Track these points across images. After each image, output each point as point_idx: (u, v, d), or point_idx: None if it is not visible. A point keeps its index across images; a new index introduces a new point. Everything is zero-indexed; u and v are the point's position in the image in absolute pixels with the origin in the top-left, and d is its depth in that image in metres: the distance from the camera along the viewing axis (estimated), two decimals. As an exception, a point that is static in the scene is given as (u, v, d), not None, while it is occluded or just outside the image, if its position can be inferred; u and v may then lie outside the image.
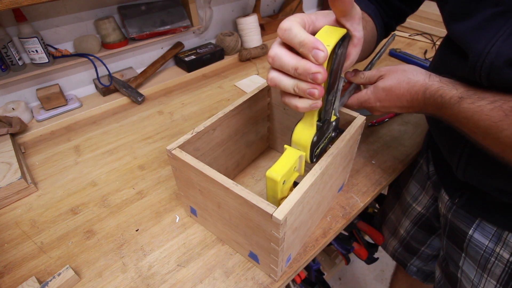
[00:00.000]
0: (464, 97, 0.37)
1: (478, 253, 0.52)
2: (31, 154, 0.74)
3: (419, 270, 0.79)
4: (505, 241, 0.48)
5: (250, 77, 1.02)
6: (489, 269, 0.51)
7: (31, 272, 0.50)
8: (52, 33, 0.83)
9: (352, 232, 1.02)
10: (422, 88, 0.42)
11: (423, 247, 0.74)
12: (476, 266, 0.54)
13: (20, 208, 0.61)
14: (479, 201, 0.51)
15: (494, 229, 0.50)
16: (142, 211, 0.59)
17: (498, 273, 0.50)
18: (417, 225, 0.73)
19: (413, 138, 0.74)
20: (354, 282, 1.41)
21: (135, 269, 0.50)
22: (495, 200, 0.48)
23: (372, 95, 0.48)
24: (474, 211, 0.52)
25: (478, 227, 0.52)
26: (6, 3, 0.59)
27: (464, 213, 0.54)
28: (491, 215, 0.50)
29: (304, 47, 0.30)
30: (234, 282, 0.48)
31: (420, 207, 0.70)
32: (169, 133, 0.79)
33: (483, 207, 0.51)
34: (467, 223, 0.54)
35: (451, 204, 0.56)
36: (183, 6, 0.99)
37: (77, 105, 0.88)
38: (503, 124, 0.33)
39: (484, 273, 0.52)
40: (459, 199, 0.54)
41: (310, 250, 0.52)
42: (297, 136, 0.41)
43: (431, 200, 0.67)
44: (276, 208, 0.35)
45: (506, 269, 0.49)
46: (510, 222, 0.47)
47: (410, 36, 1.24)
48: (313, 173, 0.40)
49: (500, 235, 0.49)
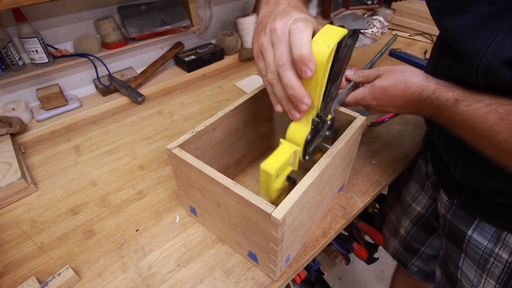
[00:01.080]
0: (460, 99, 0.37)
1: (477, 253, 0.52)
2: (31, 154, 0.74)
3: (420, 270, 0.79)
4: (504, 241, 0.48)
5: (250, 77, 1.02)
6: (488, 269, 0.51)
7: (31, 272, 0.50)
8: (52, 33, 0.83)
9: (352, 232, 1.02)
10: (419, 90, 0.42)
11: (423, 247, 0.74)
12: (475, 266, 0.54)
13: (20, 208, 0.61)
14: (478, 201, 0.51)
15: (493, 230, 0.50)
16: (142, 211, 0.59)
17: (497, 274, 0.50)
18: (417, 225, 0.73)
19: (413, 138, 0.74)
20: (354, 282, 1.41)
21: (135, 269, 0.50)
22: (494, 200, 0.48)
23: (369, 93, 0.48)
24: (473, 212, 0.52)
25: (477, 227, 0.52)
26: (6, 3, 0.59)
27: (463, 213, 0.54)
28: (490, 215, 0.50)
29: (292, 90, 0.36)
30: (234, 282, 0.48)
31: (420, 207, 0.70)
32: (169, 133, 0.79)
33: (482, 207, 0.50)
34: (466, 223, 0.54)
35: (450, 205, 0.56)
36: (183, 6, 0.99)
37: (77, 105, 0.88)
38: (498, 128, 0.33)
39: (483, 273, 0.52)
40: (458, 200, 0.54)
41: (310, 250, 0.52)
42: (291, 133, 0.41)
43: (430, 200, 0.67)
44: (275, 208, 0.36)
45: (505, 270, 0.49)
46: (509, 223, 0.47)
47: (410, 36, 1.24)
48: (312, 173, 0.40)
49: (499, 235, 0.49)
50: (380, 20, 1.31)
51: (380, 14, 1.39)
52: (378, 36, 1.27)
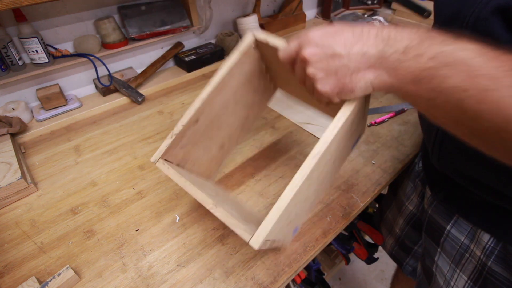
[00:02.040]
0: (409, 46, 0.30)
1: (454, 248, 0.53)
2: (31, 154, 0.74)
3: (414, 269, 0.79)
4: (478, 239, 0.49)
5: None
6: (462, 264, 0.52)
7: (31, 272, 0.50)
8: (52, 33, 0.83)
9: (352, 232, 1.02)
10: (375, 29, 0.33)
11: (416, 246, 0.74)
12: (450, 261, 0.55)
13: (20, 208, 0.61)
14: (457, 197, 0.52)
15: (470, 227, 0.51)
16: (142, 211, 0.59)
17: (470, 269, 0.51)
18: (409, 224, 0.73)
19: (413, 138, 0.74)
20: (354, 282, 1.41)
21: (135, 269, 0.50)
22: (471, 197, 0.48)
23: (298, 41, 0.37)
24: (452, 208, 0.53)
25: (456, 223, 0.53)
26: (6, 3, 0.59)
27: (443, 208, 0.55)
28: (467, 213, 0.51)
29: None
30: (234, 282, 0.48)
31: (412, 206, 0.70)
32: (169, 133, 0.79)
33: (460, 204, 0.51)
34: (446, 218, 0.54)
35: (432, 199, 0.57)
36: (183, 6, 0.99)
37: (77, 105, 0.88)
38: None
39: (457, 268, 0.53)
40: (439, 194, 0.55)
41: (310, 250, 0.52)
42: None
43: (419, 198, 0.67)
44: (252, 235, 0.35)
45: (478, 267, 0.50)
46: (482, 221, 0.48)
47: (410, 36, 1.24)
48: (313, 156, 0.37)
49: (474, 232, 0.50)
50: (380, 20, 1.31)
51: (380, 14, 1.39)
52: (378, 36, 1.27)
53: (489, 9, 0.32)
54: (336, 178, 0.64)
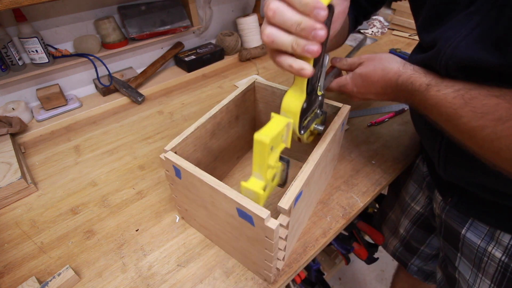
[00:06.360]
0: (432, 84, 0.39)
1: (472, 252, 0.53)
2: (31, 154, 0.74)
3: (420, 269, 0.79)
4: (497, 240, 0.48)
5: (250, 77, 1.01)
6: (483, 268, 0.52)
7: (31, 272, 0.50)
8: (52, 33, 0.83)
9: (352, 232, 1.02)
10: (396, 76, 0.44)
11: (423, 246, 0.74)
12: (471, 265, 0.54)
13: (20, 208, 0.61)
14: (470, 200, 0.51)
15: (487, 229, 0.50)
16: (142, 211, 0.59)
17: (491, 273, 0.50)
18: (416, 224, 0.73)
19: (413, 138, 0.74)
20: (354, 282, 1.41)
21: (135, 269, 0.50)
22: (485, 199, 0.48)
23: (350, 80, 0.51)
24: (466, 211, 0.52)
25: (471, 226, 0.52)
26: (6, 3, 0.59)
27: (457, 213, 0.54)
28: (483, 214, 0.50)
29: (305, 6, 0.30)
30: (234, 282, 0.48)
31: (419, 207, 0.70)
32: (169, 133, 0.79)
33: (475, 206, 0.51)
34: (460, 222, 0.54)
35: (444, 205, 0.57)
36: (183, 6, 0.99)
37: (77, 105, 0.88)
38: (461, 112, 0.35)
39: (479, 272, 0.53)
40: (451, 199, 0.54)
41: (310, 250, 0.52)
42: (286, 102, 0.40)
43: (427, 199, 0.67)
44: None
45: (499, 268, 0.49)
46: (501, 221, 0.47)
47: (410, 36, 1.24)
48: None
49: (492, 234, 0.49)
50: (380, 20, 1.31)
51: (380, 14, 1.39)
52: (378, 36, 1.27)
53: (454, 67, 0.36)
54: (336, 178, 0.64)
